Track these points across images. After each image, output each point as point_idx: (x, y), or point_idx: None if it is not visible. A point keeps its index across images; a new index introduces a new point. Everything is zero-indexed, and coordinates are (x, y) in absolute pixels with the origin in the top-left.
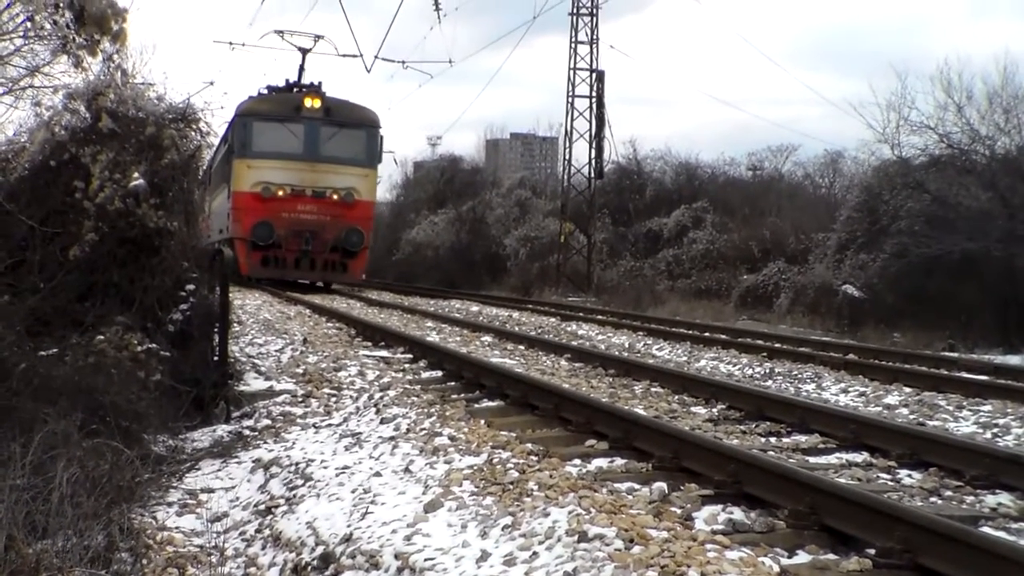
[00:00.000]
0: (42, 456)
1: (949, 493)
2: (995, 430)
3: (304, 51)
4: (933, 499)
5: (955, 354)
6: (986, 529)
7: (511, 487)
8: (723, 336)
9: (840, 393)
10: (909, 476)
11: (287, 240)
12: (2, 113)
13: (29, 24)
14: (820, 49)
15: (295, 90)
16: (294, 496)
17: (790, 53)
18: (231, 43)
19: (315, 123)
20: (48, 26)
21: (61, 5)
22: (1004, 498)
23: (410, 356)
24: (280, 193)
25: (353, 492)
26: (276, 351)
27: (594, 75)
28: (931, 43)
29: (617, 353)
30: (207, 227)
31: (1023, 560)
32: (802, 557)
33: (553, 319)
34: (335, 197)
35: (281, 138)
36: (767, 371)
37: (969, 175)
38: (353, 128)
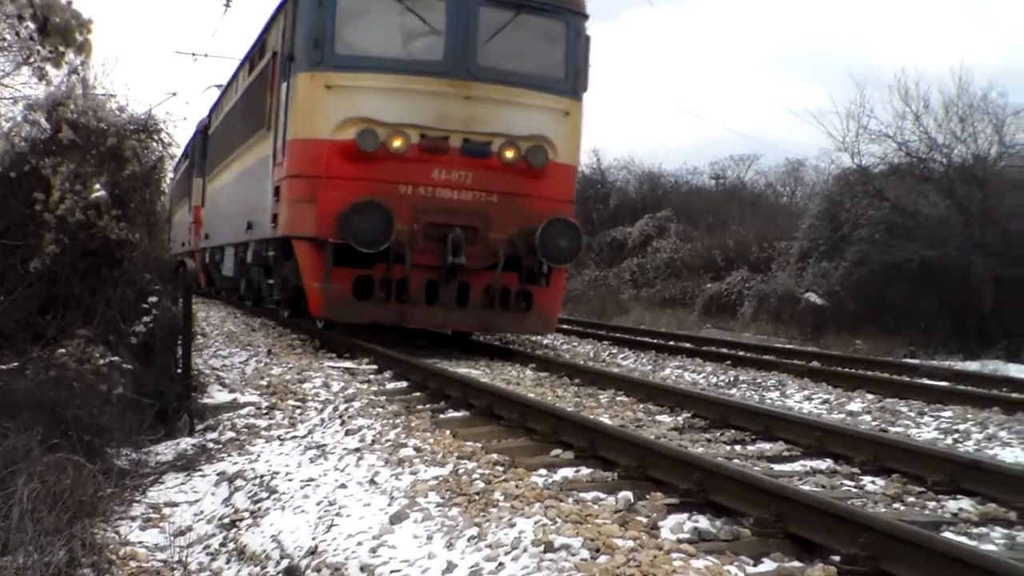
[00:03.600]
0: (2, 471)
1: (912, 499)
2: (956, 436)
3: None
4: (896, 505)
5: (916, 361)
6: (948, 534)
7: (477, 497)
8: (688, 344)
9: (804, 401)
10: (872, 483)
11: (415, 243)
12: None
13: None
14: (789, 58)
15: None
16: (259, 509)
17: (760, 62)
18: (193, 54)
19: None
20: (9, 36)
21: (24, 16)
22: (965, 503)
23: (375, 367)
24: (398, 143)
25: (318, 504)
26: (240, 363)
27: None
28: (891, 53)
29: (582, 362)
30: (197, 230)
31: (984, 565)
32: (767, 565)
33: None
34: (509, 155)
35: (397, 30)
36: (731, 379)
37: (927, 183)
38: (545, 15)
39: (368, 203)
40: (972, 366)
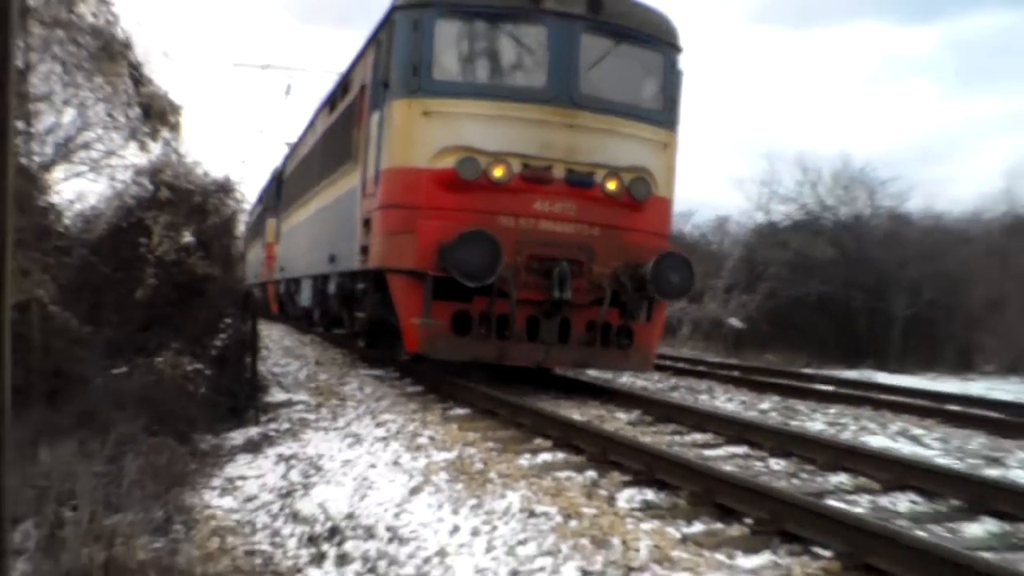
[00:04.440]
0: (116, 451)
1: (805, 475)
2: (838, 427)
3: None
4: (794, 480)
5: (811, 370)
6: (830, 501)
7: (476, 476)
8: None
9: (727, 401)
10: (777, 463)
11: (519, 276)
12: (86, 187)
13: (108, 117)
14: (721, 138)
15: None
16: (309, 482)
17: (695, 139)
18: (261, 130)
19: (574, 24)
20: (122, 119)
21: (132, 103)
22: (844, 478)
23: (398, 374)
24: (499, 172)
25: (354, 480)
26: (295, 370)
27: None
28: (795, 136)
29: (561, 372)
30: (269, 264)
31: (853, 522)
32: (698, 526)
33: None
34: (612, 186)
35: (496, 56)
36: (673, 385)
37: (820, 235)
38: (643, 45)
39: (475, 234)
40: (850, 375)
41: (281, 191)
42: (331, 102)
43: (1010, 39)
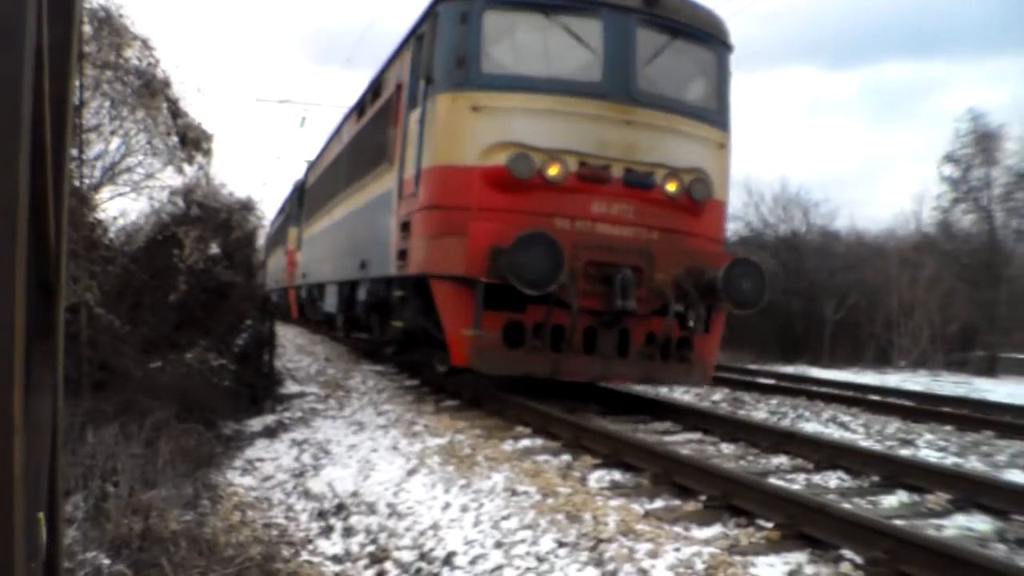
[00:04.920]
0: (152, 435)
1: (751, 457)
2: (778, 416)
3: None
4: (741, 462)
5: (755, 366)
6: (772, 479)
7: (465, 459)
8: None
9: (684, 394)
10: (727, 447)
11: (578, 282)
12: (128, 205)
13: (148, 145)
14: None
15: None
16: (318, 464)
17: None
18: (278, 156)
19: (630, 18)
20: (161, 146)
21: (171, 132)
22: (783, 459)
23: (396, 369)
24: (554, 171)
25: (358, 462)
26: (306, 366)
27: None
28: (742, 161)
29: None
30: (290, 270)
31: (790, 497)
32: (659, 503)
33: None
34: (672, 188)
35: (548, 48)
36: None
37: (763, 249)
38: (698, 42)
39: (536, 237)
40: (789, 370)
41: (303, 201)
42: (359, 108)
43: (916, 85)
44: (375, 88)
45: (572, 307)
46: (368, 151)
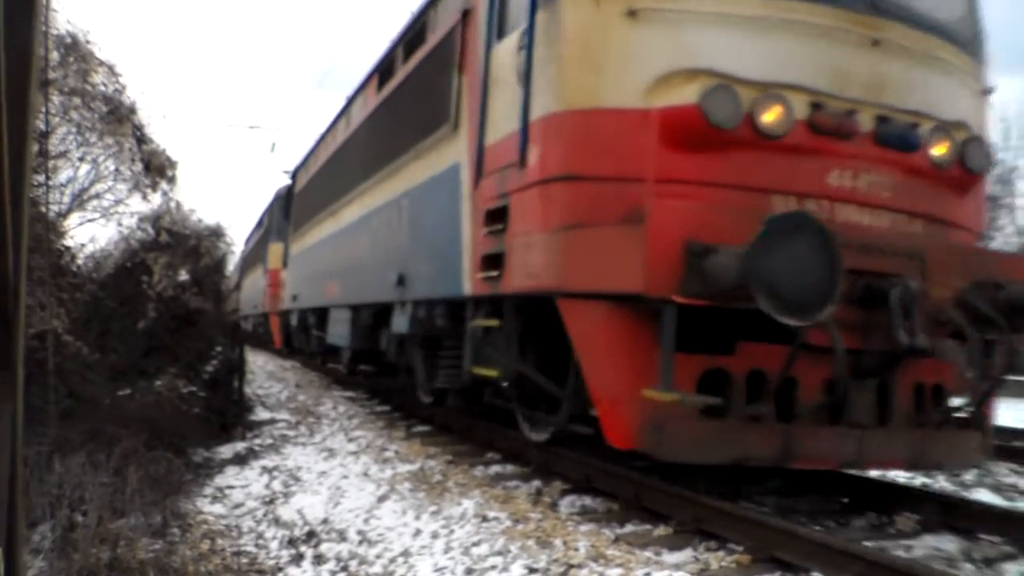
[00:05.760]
0: (120, 463)
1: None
2: None
3: None
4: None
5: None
6: (743, 503)
7: (436, 485)
8: None
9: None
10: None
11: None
12: (97, 231)
13: (116, 171)
14: None
15: None
16: (288, 491)
17: None
18: (249, 180)
19: None
20: (127, 173)
21: (135, 159)
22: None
23: (367, 395)
24: (771, 116)
25: (329, 489)
26: (277, 392)
27: None
28: None
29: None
30: (272, 292)
31: (760, 521)
32: (629, 528)
33: None
34: (940, 151)
35: None
36: None
37: None
38: None
39: (798, 222)
40: None
41: (290, 209)
42: (382, 74)
43: None
44: (413, 35)
45: (837, 347)
46: (408, 119)
